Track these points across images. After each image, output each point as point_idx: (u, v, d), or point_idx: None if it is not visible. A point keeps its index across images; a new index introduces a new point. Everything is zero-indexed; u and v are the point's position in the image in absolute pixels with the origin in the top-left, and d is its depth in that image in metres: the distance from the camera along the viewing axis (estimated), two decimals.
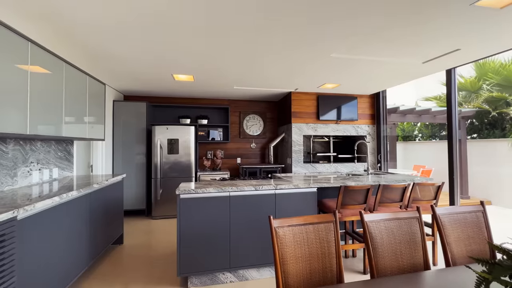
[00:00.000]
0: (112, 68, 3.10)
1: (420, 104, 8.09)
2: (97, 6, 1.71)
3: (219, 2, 1.69)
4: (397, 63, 2.98)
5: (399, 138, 9.00)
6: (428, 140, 8.28)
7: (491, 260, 0.79)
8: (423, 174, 6.64)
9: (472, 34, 2.21)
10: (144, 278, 2.25)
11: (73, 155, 2.95)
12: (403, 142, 8.69)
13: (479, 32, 2.18)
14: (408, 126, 8.89)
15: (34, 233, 1.52)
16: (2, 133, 1.58)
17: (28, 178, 2.20)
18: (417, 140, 8.76)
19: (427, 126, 8.29)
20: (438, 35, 2.23)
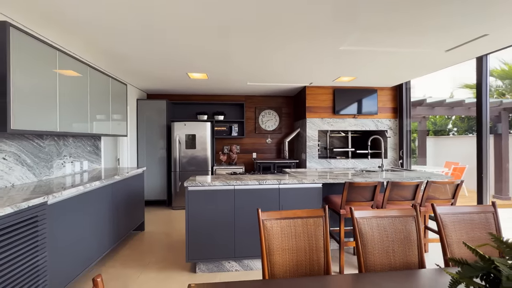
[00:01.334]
0: (133, 69, 3.35)
1: (455, 95, 7.40)
2: (119, 13, 1.89)
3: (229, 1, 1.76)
4: (417, 53, 2.79)
5: (430, 133, 8.35)
6: (464, 134, 7.54)
7: (462, 260, 0.77)
8: (455, 172, 6.12)
9: (504, 17, 1.99)
10: (159, 262, 2.47)
11: (101, 149, 3.29)
12: (434, 137, 8.04)
13: (510, 15, 1.96)
14: (441, 119, 8.18)
15: (62, 216, 1.77)
16: (40, 131, 1.85)
17: (62, 170, 2.53)
18: (451, 135, 8.03)
19: (463, 119, 7.55)
20: (461, 20, 2.04)
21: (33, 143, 2.16)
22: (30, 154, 2.13)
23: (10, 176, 1.95)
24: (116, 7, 1.79)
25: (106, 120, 2.86)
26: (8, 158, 1.92)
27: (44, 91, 1.90)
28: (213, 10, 1.84)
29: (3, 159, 1.88)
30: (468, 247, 0.81)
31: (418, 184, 2.24)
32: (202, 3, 1.74)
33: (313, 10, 1.85)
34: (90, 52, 2.70)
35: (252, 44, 2.49)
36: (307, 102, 4.46)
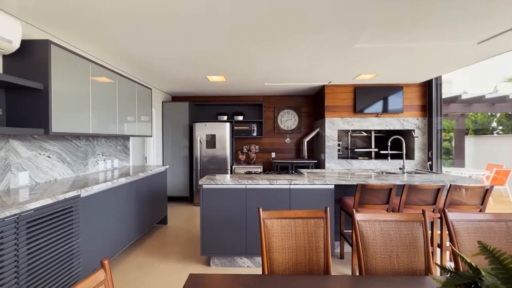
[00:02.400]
0: (157, 74, 3.62)
1: (499, 89, 6.62)
2: (152, 31, 2.08)
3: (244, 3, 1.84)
4: (445, 46, 2.59)
5: (469, 132, 7.59)
6: (510, 133, 6.70)
7: (450, 268, 0.75)
8: (498, 175, 5.50)
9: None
10: (178, 253, 2.66)
11: (129, 148, 3.61)
12: (475, 136, 7.28)
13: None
14: (483, 117, 7.37)
15: (93, 207, 2.01)
16: (76, 133, 2.13)
17: (96, 167, 2.84)
18: (495, 134, 7.20)
19: (510, 116, 6.72)
20: (494, 8, 1.86)
21: (71, 143, 2.48)
22: (69, 153, 2.44)
23: (54, 171, 2.26)
24: (150, 27, 1.97)
25: (133, 122, 3.13)
26: (51, 156, 2.23)
27: (79, 98, 2.17)
28: (225, 12, 1.93)
29: (47, 157, 2.19)
30: (458, 255, 0.79)
31: (439, 188, 2.11)
32: (214, 4, 1.84)
33: (322, 6, 1.84)
34: (120, 61, 2.98)
35: (267, 45, 2.54)
36: (326, 101, 4.37)
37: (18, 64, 1.83)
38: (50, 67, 1.83)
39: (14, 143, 1.90)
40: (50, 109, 1.83)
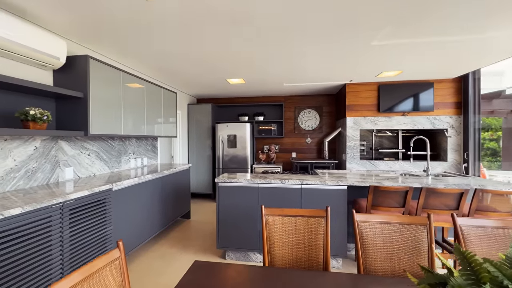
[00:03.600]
0: (181, 79, 3.89)
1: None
2: (178, 46, 2.32)
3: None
4: (477, 39, 2.39)
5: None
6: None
7: (428, 269, 0.76)
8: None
9: None
10: (197, 246, 2.86)
11: (157, 148, 3.94)
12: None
13: None
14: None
15: (123, 200, 2.28)
16: (110, 134, 2.43)
17: (128, 164, 3.18)
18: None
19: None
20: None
21: (107, 143, 2.82)
22: (105, 151, 2.79)
23: (93, 168, 2.61)
24: (178, 42, 2.19)
25: (159, 123, 3.43)
26: (91, 154, 2.58)
27: (112, 103, 2.47)
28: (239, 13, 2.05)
29: (88, 155, 2.54)
30: (438, 256, 0.79)
31: (462, 192, 1.97)
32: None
33: (336, 5, 1.85)
34: (149, 70, 3.29)
35: (281, 47, 2.60)
36: (347, 101, 4.26)
37: (64, 77, 2.17)
38: (89, 78, 2.14)
39: (62, 143, 2.25)
40: (89, 114, 2.13)
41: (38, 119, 1.77)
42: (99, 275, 0.84)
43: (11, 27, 1.63)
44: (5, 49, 1.66)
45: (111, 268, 0.89)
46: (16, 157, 1.87)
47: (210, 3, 1.72)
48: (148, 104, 3.13)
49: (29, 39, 1.74)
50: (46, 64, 1.97)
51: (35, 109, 1.77)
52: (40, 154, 2.05)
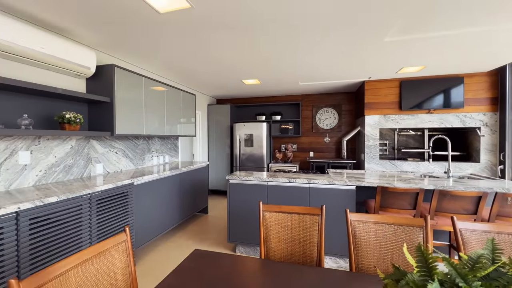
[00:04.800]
0: (200, 81, 4.11)
1: None
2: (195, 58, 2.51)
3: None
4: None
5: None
6: None
7: (397, 266, 0.79)
8: None
9: None
10: (212, 239, 3.03)
11: (178, 146, 4.22)
12: None
13: None
14: None
15: (143, 193, 2.53)
16: (133, 134, 2.70)
17: (151, 161, 3.48)
18: None
19: None
20: None
21: (132, 142, 3.12)
22: (131, 150, 3.09)
23: (120, 164, 2.91)
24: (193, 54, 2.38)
25: (178, 124, 3.67)
26: (118, 152, 2.88)
27: (135, 106, 2.74)
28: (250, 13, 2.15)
29: (115, 153, 2.84)
30: (408, 258, 0.81)
31: (480, 195, 1.84)
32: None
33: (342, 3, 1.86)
34: (168, 74, 3.55)
35: (292, 46, 2.65)
36: (366, 98, 4.12)
37: (94, 84, 2.47)
38: (114, 84, 2.40)
39: (93, 142, 2.56)
40: (114, 116, 2.40)
41: (72, 122, 2.06)
42: (108, 253, 1.00)
43: (51, 43, 1.92)
44: (48, 63, 1.96)
45: (118, 248, 1.05)
46: (56, 154, 2.19)
47: (222, 11, 1.85)
48: (168, 106, 3.38)
49: (66, 53, 2.04)
50: (80, 74, 2.27)
51: (70, 113, 2.06)
52: (75, 151, 2.37)
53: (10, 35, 1.67)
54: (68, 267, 0.86)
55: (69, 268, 0.86)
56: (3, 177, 1.83)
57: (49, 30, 2.12)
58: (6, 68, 1.85)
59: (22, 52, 1.76)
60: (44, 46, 1.87)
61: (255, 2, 1.72)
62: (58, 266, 0.83)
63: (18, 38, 1.71)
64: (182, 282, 1.03)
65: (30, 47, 1.78)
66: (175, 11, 1.82)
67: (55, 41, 1.95)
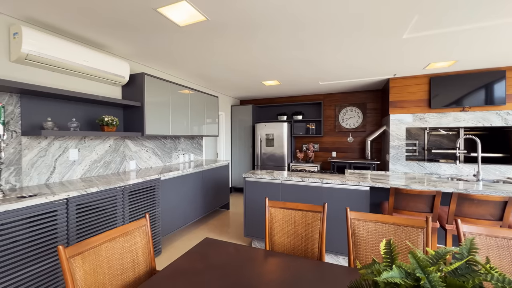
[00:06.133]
0: (222, 84, 4.34)
1: None
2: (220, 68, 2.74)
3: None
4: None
5: None
6: None
7: (376, 261, 0.84)
8: None
9: None
10: (231, 233, 3.22)
11: (202, 146, 4.51)
12: None
13: None
14: None
15: (168, 188, 2.80)
16: (161, 134, 3.01)
17: (177, 159, 3.79)
18: None
19: None
20: None
21: (161, 142, 3.45)
22: (159, 148, 3.42)
23: (150, 161, 3.25)
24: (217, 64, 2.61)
25: (202, 124, 3.94)
26: (148, 151, 3.23)
27: (162, 109, 3.04)
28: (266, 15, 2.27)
29: (146, 151, 3.19)
30: (373, 259, 0.86)
31: (505, 200, 1.71)
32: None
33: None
34: (193, 79, 3.83)
35: (310, 48, 2.70)
36: (391, 96, 3.94)
37: (128, 90, 2.81)
38: (144, 90, 2.71)
39: (128, 142, 2.92)
40: (144, 118, 2.71)
41: (110, 124, 2.39)
42: (131, 234, 1.21)
43: (92, 57, 2.27)
44: (90, 74, 2.31)
45: (140, 231, 1.26)
46: (98, 151, 2.56)
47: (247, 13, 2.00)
48: (192, 108, 3.65)
49: (104, 64, 2.38)
50: (116, 82, 2.62)
51: (108, 117, 2.40)
52: (113, 149, 2.73)
53: (60, 53, 2.03)
54: (100, 242, 1.08)
55: (100, 242, 1.08)
56: (58, 170, 2.22)
57: (90, 46, 2.48)
58: (57, 80, 2.24)
59: (69, 66, 2.12)
60: (86, 60, 2.22)
61: (265, 7, 1.83)
62: (93, 240, 1.06)
63: (66, 54, 2.06)
64: (190, 263, 1.19)
65: (75, 61, 2.13)
66: (193, 24, 2.02)
67: (95, 55, 2.30)
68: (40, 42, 1.89)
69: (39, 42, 1.89)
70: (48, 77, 2.16)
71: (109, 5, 1.75)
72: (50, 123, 2.03)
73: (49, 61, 1.98)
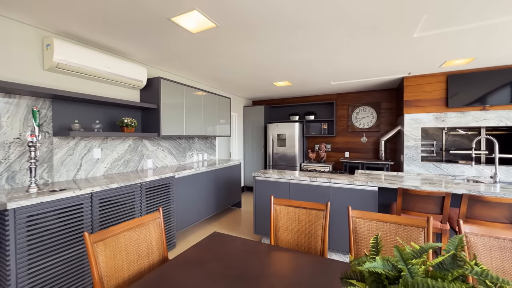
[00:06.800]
0: (234, 86, 4.46)
1: None
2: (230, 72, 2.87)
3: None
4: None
5: None
6: None
7: (366, 252, 0.89)
8: None
9: None
10: (241, 230, 3.33)
11: (215, 145, 4.66)
12: None
13: None
14: None
15: (182, 185, 2.96)
16: (176, 135, 3.18)
17: (191, 158, 3.96)
18: None
19: None
20: None
21: (176, 142, 3.63)
22: (174, 148, 3.60)
23: (165, 160, 3.44)
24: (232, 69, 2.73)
25: (215, 125, 4.08)
26: (164, 150, 3.41)
27: (177, 111, 3.20)
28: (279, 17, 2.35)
29: (162, 150, 3.37)
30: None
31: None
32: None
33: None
34: (206, 81, 3.98)
35: (318, 48, 2.74)
36: (406, 96, 3.84)
37: (146, 94, 3.00)
38: (160, 93, 2.89)
39: (145, 142, 3.11)
40: (160, 120, 2.89)
41: (129, 125, 2.58)
42: (146, 225, 1.34)
43: (113, 63, 2.47)
44: (111, 79, 2.51)
45: (154, 223, 1.39)
46: (118, 151, 2.77)
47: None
48: (206, 109, 3.80)
49: (124, 70, 2.57)
50: (135, 86, 2.81)
51: (127, 118, 2.59)
52: (132, 149, 2.93)
53: (86, 61, 2.23)
54: (119, 230, 1.21)
55: (120, 231, 1.22)
56: (84, 168, 2.44)
57: (111, 53, 2.69)
58: (83, 85, 2.46)
59: (93, 73, 2.32)
60: (109, 66, 2.41)
61: (274, 12, 1.91)
62: (113, 228, 1.19)
63: (91, 62, 2.27)
64: (199, 254, 1.30)
65: (99, 68, 2.33)
66: (205, 31, 2.14)
67: (116, 62, 2.49)
68: (69, 52, 2.10)
69: (68, 52, 2.10)
70: (75, 83, 2.38)
71: (129, 17, 1.91)
72: (77, 124, 2.24)
73: (76, 69, 2.19)
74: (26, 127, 2.02)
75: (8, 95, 1.92)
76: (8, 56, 1.93)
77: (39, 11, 1.83)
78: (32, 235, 1.61)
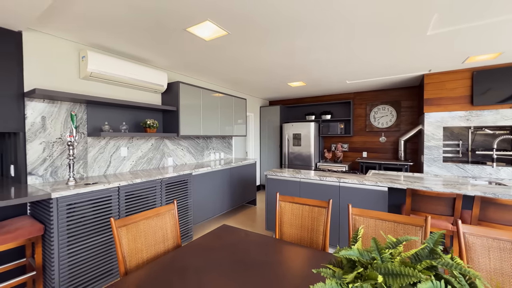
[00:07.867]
0: (249, 87, 4.59)
1: None
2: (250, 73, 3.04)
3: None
4: None
5: None
6: None
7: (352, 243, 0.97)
8: None
9: None
10: (255, 227, 3.46)
11: (232, 145, 4.84)
12: None
13: None
14: None
15: (199, 182, 3.16)
16: (194, 135, 3.40)
17: (208, 157, 4.18)
18: None
19: None
20: None
21: (194, 141, 3.87)
22: (193, 147, 3.84)
23: (184, 158, 3.68)
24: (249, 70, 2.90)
25: (231, 125, 4.25)
26: (183, 149, 3.66)
27: (194, 112, 3.42)
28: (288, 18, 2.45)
29: (181, 149, 3.62)
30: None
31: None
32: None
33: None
34: (223, 84, 4.17)
35: (330, 48, 2.78)
36: (426, 94, 3.69)
37: (166, 97, 3.25)
38: (179, 96, 3.11)
39: (166, 141, 3.37)
40: (179, 121, 3.12)
41: (151, 126, 2.84)
42: (162, 215, 1.53)
43: (137, 70, 2.73)
44: (136, 84, 2.78)
45: (169, 214, 1.57)
46: (142, 149, 3.05)
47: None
48: (222, 110, 3.99)
49: (147, 76, 2.82)
50: (156, 90, 3.07)
51: (150, 120, 2.85)
52: (154, 148, 3.20)
53: (114, 69, 2.50)
54: (139, 219, 1.41)
55: (139, 219, 1.41)
56: (113, 164, 2.74)
57: (136, 61, 2.96)
58: (111, 91, 2.75)
59: (120, 79, 2.60)
60: (134, 73, 2.68)
61: (283, 16, 2.01)
62: (133, 216, 1.39)
63: (118, 70, 2.54)
64: (208, 242, 1.45)
65: (125, 75, 2.60)
66: (217, 38, 2.30)
67: (140, 69, 2.75)
68: (100, 62, 2.38)
69: (99, 62, 2.38)
70: (105, 89, 2.68)
71: (152, 30, 2.13)
72: (107, 126, 2.53)
73: (106, 76, 2.47)
74: (65, 128, 2.34)
75: (52, 101, 2.25)
76: (51, 68, 2.25)
77: (77, 28, 2.11)
78: (70, 220, 1.89)
